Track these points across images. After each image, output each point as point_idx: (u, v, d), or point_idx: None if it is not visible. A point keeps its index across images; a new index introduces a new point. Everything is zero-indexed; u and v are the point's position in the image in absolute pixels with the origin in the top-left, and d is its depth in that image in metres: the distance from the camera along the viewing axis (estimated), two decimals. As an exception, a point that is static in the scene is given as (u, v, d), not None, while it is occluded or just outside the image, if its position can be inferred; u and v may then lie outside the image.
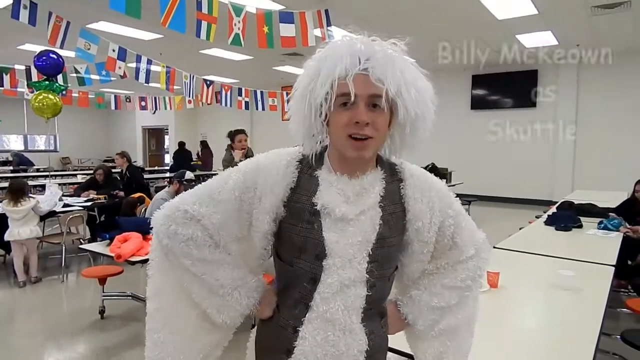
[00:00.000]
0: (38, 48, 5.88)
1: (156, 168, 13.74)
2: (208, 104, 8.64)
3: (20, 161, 12.37)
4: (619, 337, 2.22)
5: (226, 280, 0.96)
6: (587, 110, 8.98)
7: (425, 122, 0.91)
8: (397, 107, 0.87)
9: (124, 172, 6.31)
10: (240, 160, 1.07)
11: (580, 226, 3.62)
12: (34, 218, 4.40)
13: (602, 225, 3.58)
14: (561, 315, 1.86)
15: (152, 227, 0.98)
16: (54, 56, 5.40)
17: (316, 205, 0.90)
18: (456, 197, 1.04)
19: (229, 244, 0.98)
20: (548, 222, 3.75)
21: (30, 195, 4.57)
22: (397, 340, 1.11)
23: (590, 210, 4.13)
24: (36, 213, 4.42)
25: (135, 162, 11.09)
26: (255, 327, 1.08)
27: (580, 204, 4.34)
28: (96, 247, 3.44)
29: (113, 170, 6.62)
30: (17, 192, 4.35)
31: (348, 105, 0.86)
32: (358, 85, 0.84)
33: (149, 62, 6.14)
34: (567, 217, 3.74)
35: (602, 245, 3.08)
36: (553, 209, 4.45)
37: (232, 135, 4.69)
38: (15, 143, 15.47)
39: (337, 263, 0.89)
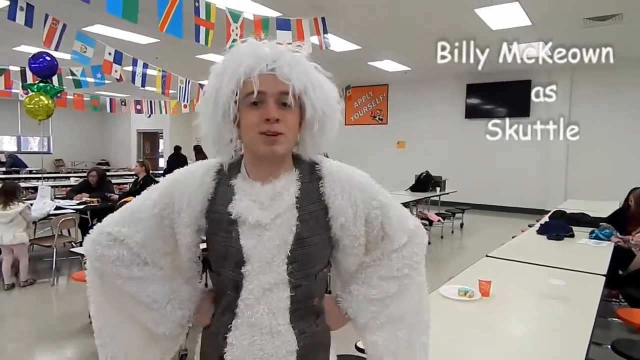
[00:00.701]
0: (33, 50, 5.87)
1: (150, 172, 13.66)
2: (204, 109, 8.64)
3: (13, 162, 12.29)
4: (609, 346, 2.23)
5: (158, 295, 0.97)
6: (580, 120, 9.03)
7: (332, 121, 0.94)
8: (304, 106, 0.90)
9: (139, 180, 6.28)
10: None
11: (572, 235, 3.64)
12: (21, 223, 4.34)
13: (594, 234, 3.60)
14: (552, 324, 1.87)
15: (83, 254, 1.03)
16: (48, 58, 5.40)
17: (231, 215, 0.91)
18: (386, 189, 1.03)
19: (158, 259, 1.00)
20: (540, 231, 3.77)
21: (21, 199, 4.51)
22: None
23: (581, 219, 4.15)
24: (25, 219, 4.37)
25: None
26: None
27: (572, 214, 4.36)
28: (88, 250, 3.41)
29: (114, 174, 6.59)
30: (8, 194, 4.30)
31: (258, 105, 0.87)
32: (266, 84, 0.86)
33: (145, 66, 6.16)
34: (558, 226, 3.76)
35: (593, 254, 3.10)
36: (545, 218, 4.47)
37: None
38: (8, 144, 15.36)
39: (256, 268, 0.90)
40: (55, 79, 6.57)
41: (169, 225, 0.97)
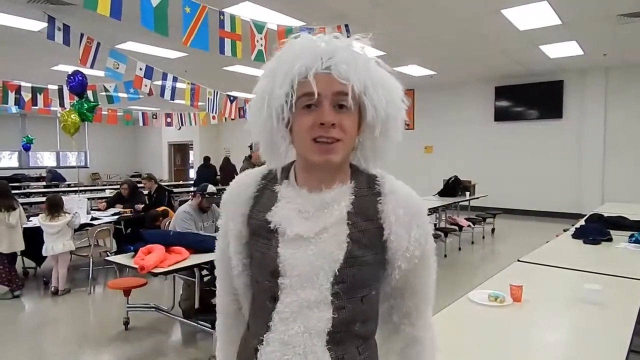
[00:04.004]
0: (70, 68, 6.17)
1: (181, 182, 14.03)
2: (232, 119, 8.82)
3: (53, 177, 12.85)
4: (652, 355, 2.13)
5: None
6: (615, 120, 8.74)
7: (396, 123, 0.85)
8: (364, 107, 0.81)
9: (152, 193, 6.41)
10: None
11: (610, 239, 3.49)
12: (67, 232, 4.56)
13: (633, 238, 3.44)
14: (587, 331, 1.79)
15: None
16: (80, 77, 5.75)
17: (270, 223, 0.84)
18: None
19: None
20: (576, 235, 3.63)
21: (66, 211, 4.71)
22: None
23: (620, 222, 3.97)
24: (70, 227, 4.58)
25: (161, 180, 11.22)
26: None
27: (609, 217, 4.19)
28: (121, 259, 3.53)
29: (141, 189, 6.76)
30: (54, 207, 4.51)
31: (312, 107, 0.78)
32: (321, 84, 0.77)
33: (175, 79, 6.35)
34: (595, 230, 3.61)
35: (633, 259, 2.96)
36: (581, 222, 4.31)
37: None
38: (48, 160, 16.11)
39: (294, 283, 0.81)
40: (90, 95, 6.89)
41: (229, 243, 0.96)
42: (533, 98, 9.52)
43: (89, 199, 6.91)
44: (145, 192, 6.49)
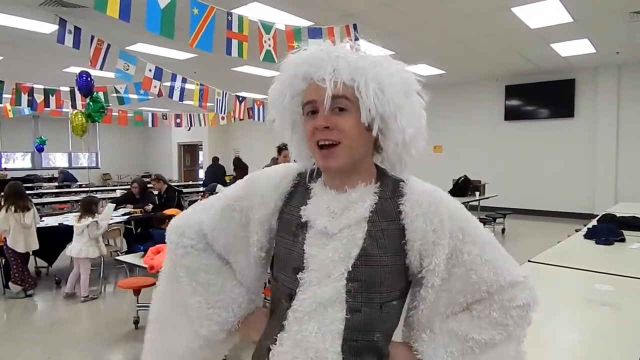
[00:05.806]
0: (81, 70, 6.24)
1: (190, 183, 14.12)
2: (240, 120, 8.86)
3: (65, 178, 13.02)
4: (667, 357, 2.08)
5: (212, 281, 0.96)
6: (629, 119, 8.61)
7: (395, 122, 0.82)
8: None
9: (162, 193, 6.42)
10: None
11: (623, 240, 3.43)
12: (86, 236, 4.48)
13: (647, 239, 3.38)
14: (599, 331, 1.76)
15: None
16: (84, 76, 5.85)
17: (302, 218, 0.87)
18: (482, 222, 0.89)
19: (227, 253, 0.98)
20: (588, 236, 3.57)
21: (93, 214, 4.60)
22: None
23: (633, 223, 3.91)
24: (89, 234, 4.46)
25: (171, 180, 11.32)
26: None
27: (622, 217, 4.12)
28: (131, 258, 3.56)
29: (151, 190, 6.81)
30: (83, 207, 4.55)
31: (315, 114, 0.83)
32: (316, 91, 0.82)
33: (184, 80, 6.39)
34: (608, 230, 3.56)
35: (646, 259, 2.91)
36: (593, 222, 4.25)
37: (280, 149, 4.88)
38: (60, 161, 16.31)
39: (313, 279, 0.82)
40: (102, 96, 6.97)
41: (240, 220, 0.94)
42: (544, 97, 9.42)
43: (100, 199, 6.99)
44: (155, 192, 6.52)
